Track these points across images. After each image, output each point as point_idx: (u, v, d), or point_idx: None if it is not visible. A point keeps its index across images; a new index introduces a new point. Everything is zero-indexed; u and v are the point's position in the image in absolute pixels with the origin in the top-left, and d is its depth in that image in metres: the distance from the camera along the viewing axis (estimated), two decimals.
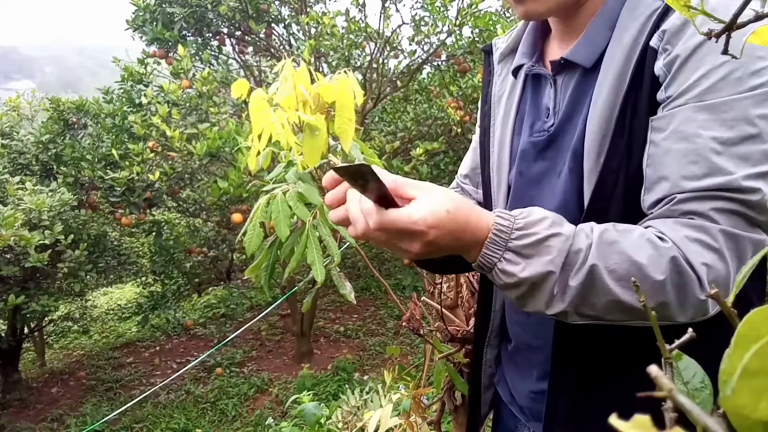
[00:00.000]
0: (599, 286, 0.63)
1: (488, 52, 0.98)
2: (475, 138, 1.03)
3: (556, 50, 0.85)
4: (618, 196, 0.71)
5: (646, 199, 0.68)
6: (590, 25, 0.76)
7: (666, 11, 0.67)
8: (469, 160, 1.06)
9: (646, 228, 0.66)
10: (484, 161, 0.95)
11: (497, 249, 0.65)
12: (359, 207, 0.65)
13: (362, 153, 1.30)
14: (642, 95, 0.69)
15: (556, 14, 0.79)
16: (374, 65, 5.48)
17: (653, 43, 0.68)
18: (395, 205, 0.64)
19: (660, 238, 0.63)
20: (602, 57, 0.74)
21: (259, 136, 0.98)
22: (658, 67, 0.67)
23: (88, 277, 4.95)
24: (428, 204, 0.62)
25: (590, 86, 0.76)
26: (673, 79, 0.66)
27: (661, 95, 0.67)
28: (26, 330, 5.57)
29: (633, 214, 0.69)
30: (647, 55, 0.68)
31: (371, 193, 0.64)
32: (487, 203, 0.94)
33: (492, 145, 0.92)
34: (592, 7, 0.77)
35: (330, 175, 0.70)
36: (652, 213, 0.67)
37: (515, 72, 0.89)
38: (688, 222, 0.63)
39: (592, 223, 0.68)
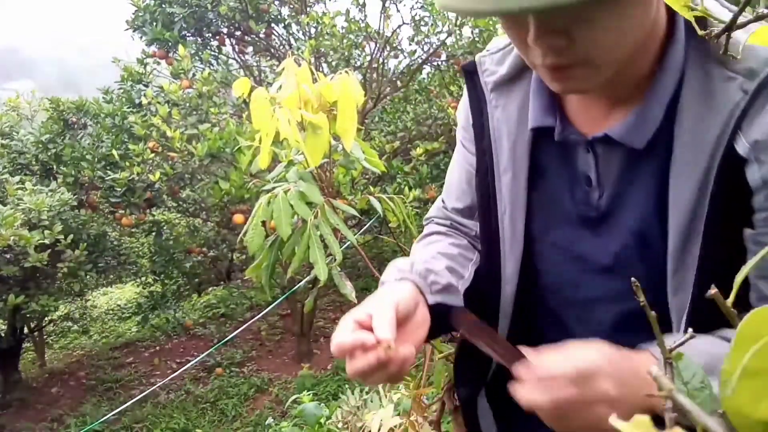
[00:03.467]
0: None
1: (471, 72, 0.81)
2: (466, 168, 0.89)
3: (582, 108, 0.74)
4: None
5: None
6: (644, 103, 0.68)
7: (747, 108, 0.61)
8: (467, 195, 0.90)
9: None
10: (488, 204, 0.82)
11: None
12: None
13: (363, 152, 1.30)
14: (728, 199, 0.64)
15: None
16: (374, 65, 5.48)
17: (741, 150, 0.62)
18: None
19: None
20: (656, 136, 0.68)
21: (266, 134, 0.98)
22: (754, 178, 0.62)
23: (88, 277, 4.95)
24: (574, 348, 0.63)
25: (642, 168, 0.70)
26: None
27: (759, 203, 0.63)
28: (26, 330, 5.56)
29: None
30: (732, 159, 0.63)
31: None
32: (490, 253, 0.84)
33: (499, 191, 0.80)
34: (636, 74, 0.68)
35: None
36: None
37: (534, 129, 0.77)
38: None
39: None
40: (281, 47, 5.92)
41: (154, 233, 5.54)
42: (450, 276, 0.81)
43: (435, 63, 5.88)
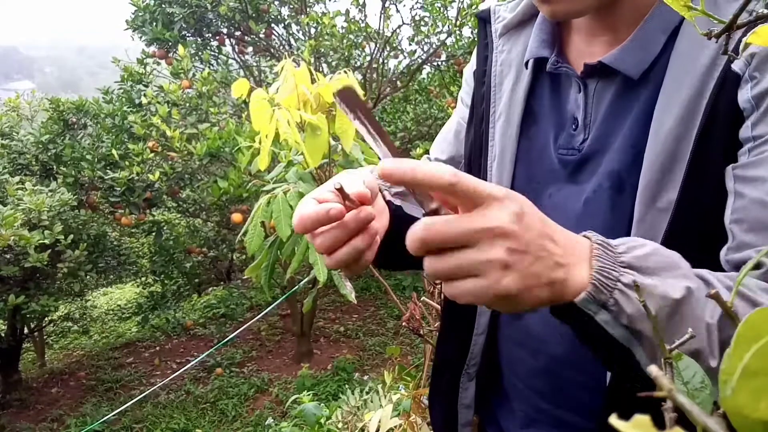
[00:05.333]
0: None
1: (485, 19, 0.81)
2: (457, 120, 0.88)
3: (582, 45, 0.71)
4: (689, 251, 0.58)
5: (734, 258, 0.57)
6: (642, 28, 0.64)
7: (752, 29, 0.56)
8: (451, 146, 0.89)
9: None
10: (480, 153, 0.79)
11: (609, 262, 0.48)
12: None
13: (363, 153, 1.30)
14: (716, 129, 0.57)
15: (592, 12, 0.66)
16: (374, 65, 5.49)
17: (737, 67, 0.56)
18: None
19: None
20: (652, 67, 0.63)
21: (266, 136, 0.98)
22: (744, 98, 0.56)
23: (88, 277, 4.95)
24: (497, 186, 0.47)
25: (633, 101, 0.65)
26: (764, 115, 0.55)
27: (745, 132, 0.56)
28: (26, 330, 5.57)
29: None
30: (727, 79, 0.57)
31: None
32: None
33: (492, 138, 0.77)
34: (636, 6, 0.64)
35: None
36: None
37: (527, 63, 0.74)
38: None
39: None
40: (281, 47, 5.92)
41: (154, 233, 5.54)
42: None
43: (435, 63, 5.89)
